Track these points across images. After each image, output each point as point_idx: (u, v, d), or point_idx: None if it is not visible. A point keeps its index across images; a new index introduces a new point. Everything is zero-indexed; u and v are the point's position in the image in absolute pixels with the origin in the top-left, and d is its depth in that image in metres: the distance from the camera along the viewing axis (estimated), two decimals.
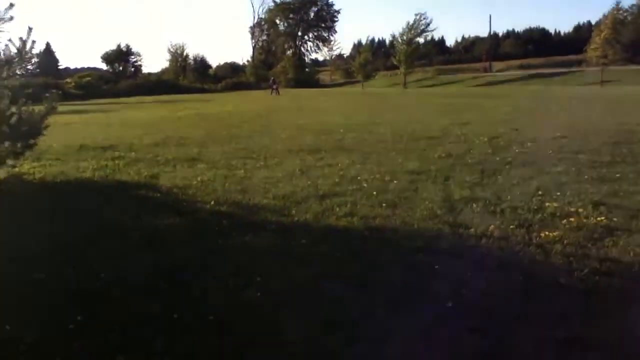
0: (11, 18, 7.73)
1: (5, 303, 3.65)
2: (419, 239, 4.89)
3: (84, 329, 3.28)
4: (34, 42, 8.38)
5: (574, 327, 3.16)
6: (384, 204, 6.16)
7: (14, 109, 8.10)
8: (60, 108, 9.26)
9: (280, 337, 3.18)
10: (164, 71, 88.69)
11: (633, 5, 68.24)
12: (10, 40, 8.14)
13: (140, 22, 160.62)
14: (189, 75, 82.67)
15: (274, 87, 51.82)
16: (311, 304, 3.59)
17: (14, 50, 8.00)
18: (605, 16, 63.12)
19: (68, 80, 66.31)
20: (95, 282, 4.04)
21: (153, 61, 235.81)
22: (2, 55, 7.95)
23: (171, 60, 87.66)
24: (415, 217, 5.63)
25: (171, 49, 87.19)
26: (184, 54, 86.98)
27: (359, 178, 7.77)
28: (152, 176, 8.59)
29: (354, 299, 3.62)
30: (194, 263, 4.41)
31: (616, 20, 61.46)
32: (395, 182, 7.42)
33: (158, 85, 66.61)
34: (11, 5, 7.53)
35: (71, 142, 13.24)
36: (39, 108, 8.64)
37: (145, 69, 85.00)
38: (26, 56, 8.32)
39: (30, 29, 8.24)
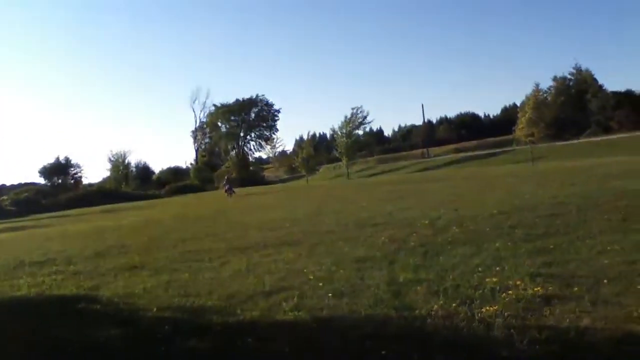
0: None
1: None
2: (366, 326, 4.89)
3: None
4: None
5: None
6: (330, 294, 6.16)
7: None
8: None
9: None
10: (105, 180, 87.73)
11: (550, 86, 74.30)
12: None
13: (77, 132, 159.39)
14: (131, 183, 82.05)
15: (228, 188, 41.45)
16: None
17: None
18: (527, 97, 68.08)
19: (4, 197, 64.37)
20: None
21: (93, 171, 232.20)
22: None
23: (112, 169, 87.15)
24: (361, 304, 5.65)
25: (112, 158, 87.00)
26: (126, 161, 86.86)
27: (305, 271, 7.77)
28: (92, 288, 8.30)
29: None
30: None
31: (537, 101, 66.26)
32: (342, 271, 7.46)
33: (100, 195, 65.64)
34: None
35: (6, 260, 12.72)
36: None
37: (85, 180, 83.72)
38: None
39: None
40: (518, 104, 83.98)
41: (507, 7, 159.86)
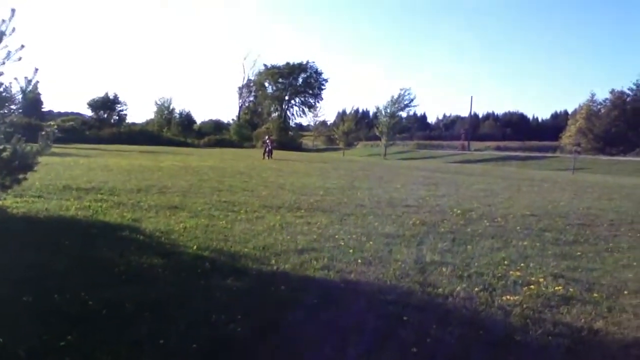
0: (19, 59, 8.05)
1: None
2: (391, 293, 5.21)
3: (74, 348, 3.50)
4: (37, 82, 8.77)
5: None
6: (359, 261, 6.50)
7: (7, 145, 8.37)
8: None
9: None
10: (148, 122, 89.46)
11: (606, 99, 72.13)
12: (16, 78, 8.53)
13: (129, 72, 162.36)
14: (173, 129, 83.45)
15: (268, 148, 40.98)
16: (288, 342, 3.86)
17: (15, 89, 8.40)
18: (580, 107, 66.50)
19: (51, 122, 66.35)
20: (83, 308, 4.25)
21: (138, 111, 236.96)
22: (5, 94, 8.30)
23: (157, 112, 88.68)
24: (388, 275, 5.95)
25: (158, 102, 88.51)
26: (170, 107, 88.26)
27: (336, 237, 8.11)
28: (134, 220, 8.80)
29: (326, 342, 3.90)
30: (178, 298, 4.64)
31: (590, 112, 64.69)
32: (370, 242, 7.77)
33: (141, 135, 67.21)
34: (22, 46, 7.89)
35: (54, 182, 13.42)
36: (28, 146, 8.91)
37: (129, 119, 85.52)
38: (29, 95, 8.69)
39: (36, 70, 8.63)
40: (569, 112, 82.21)
41: (574, 10, 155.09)
